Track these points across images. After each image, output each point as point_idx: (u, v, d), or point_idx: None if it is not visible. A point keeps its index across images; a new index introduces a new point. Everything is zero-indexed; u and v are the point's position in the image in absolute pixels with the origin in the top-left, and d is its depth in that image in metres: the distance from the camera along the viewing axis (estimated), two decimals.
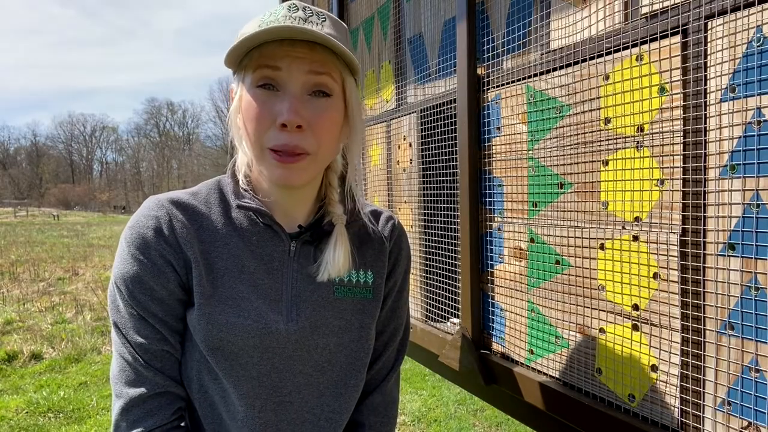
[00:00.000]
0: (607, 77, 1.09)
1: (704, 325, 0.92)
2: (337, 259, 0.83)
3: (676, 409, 0.97)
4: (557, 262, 1.24)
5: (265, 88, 0.76)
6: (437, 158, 1.73)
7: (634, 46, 1.02)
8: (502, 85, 1.40)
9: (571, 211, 1.20)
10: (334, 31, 0.78)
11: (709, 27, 0.89)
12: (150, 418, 0.78)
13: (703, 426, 0.93)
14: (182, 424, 0.81)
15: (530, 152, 1.32)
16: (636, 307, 1.04)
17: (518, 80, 1.34)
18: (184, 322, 0.81)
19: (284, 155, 0.75)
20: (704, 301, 0.91)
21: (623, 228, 1.07)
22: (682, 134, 0.94)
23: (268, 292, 0.81)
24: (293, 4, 0.78)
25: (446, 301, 1.72)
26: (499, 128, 1.43)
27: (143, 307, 0.78)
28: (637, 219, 1.04)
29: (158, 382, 0.79)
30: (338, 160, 0.91)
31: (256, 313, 0.79)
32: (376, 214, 0.96)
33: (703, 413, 0.93)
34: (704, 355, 0.92)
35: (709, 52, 0.89)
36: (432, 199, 1.79)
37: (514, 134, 1.37)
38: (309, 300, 0.83)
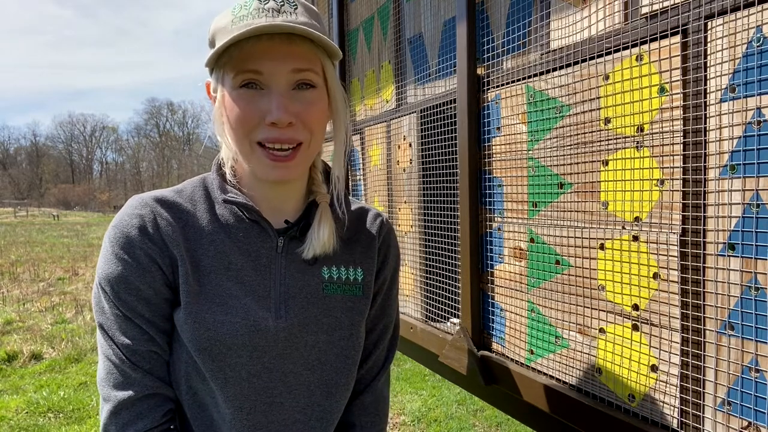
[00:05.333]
0: (607, 77, 1.09)
1: (704, 325, 0.92)
2: (321, 235, 0.83)
3: (676, 409, 0.97)
4: (557, 262, 1.24)
5: (248, 87, 0.75)
6: (437, 158, 1.73)
7: (634, 46, 1.02)
8: (502, 85, 1.40)
9: (571, 211, 1.20)
10: (309, 18, 0.76)
11: (709, 27, 0.89)
12: (140, 421, 0.76)
13: (703, 426, 0.93)
14: (172, 427, 0.80)
15: (530, 152, 1.31)
16: (636, 307, 1.04)
17: (518, 80, 1.34)
18: (172, 322, 0.80)
19: (278, 156, 0.75)
20: (704, 301, 0.91)
21: (623, 228, 1.07)
22: (682, 134, 0.94)
23: (256, 288, 0.80)
24: None
25: (446, 301, 1.72)
26: (499, 128, 1.43)
27: (129, 307, 0.76)
28: (637, 219, 1.04)
29: (147, 384, 0.77)
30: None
31: (244, 311, 0.78)
32: (363, 212, 0.95)
33: (703, 413, 0.93)
34: (704, 355, 0.92)
35: (709, 52, 0.89)
36: (432, 199, 1.79)
37: (514, 134, 1.37)
38: (298, 296, 0.82)
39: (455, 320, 1.69)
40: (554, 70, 1.22)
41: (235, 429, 0.79)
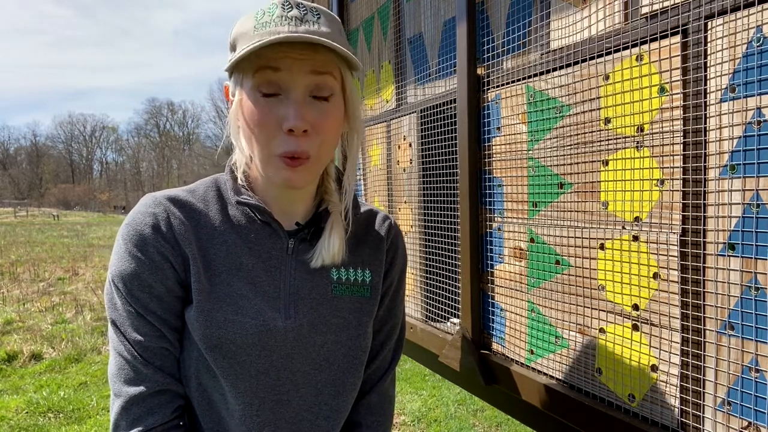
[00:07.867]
0: (607, 77, 1.09)
1: (704, 325, 0.92)
2: (331, 245, 0.84)
3: (676, 409, 0.97)
4: (557, 262, 1.24)
5: (266, 96, 0.75)
6: (437, 158, 1.73)
7: (634, 46, 1.02)
8: (502, 85, 1.40)
9: (571, 211, 1.20)
10: (330, 28, 0.77)
11: (709, 27, 0.89)
12: (150, 417, 0.77)
13: (703, 426, 0.93)
14: (181, 423, 0.81)
15: (530, 152, 1.32)
16: (636, 307, 1.04)
17: (518, 80, 1.34)
18: (183, 319, 0.81)
19: (291, 160, 0.76)
20: (704, 301, 0.91)
21: (623, 228, 1.07)
22: (682, 134, 0.94)
23: (267, 289, 0.81)
24: (287, 1, 0.77)
25: (446, 301, 1.72)
26: (499, 128, 1.43)
27: (141, 304, 0.78)
28: (637, 219, 1.04)
29: (158, 380, 0.79)
30: (335, 152, 0.91)
31: (255, 311, 0.79)
32: (372, 214, 0.97)
33: (703, 413, 0.93)
34: (704, 355, 0.92)
35: (709, 52, 0.89)
36: (432, 199, 1.79)
37: (514, 134, 1.37)
38: (307, 297, 0.83)
39: (455, 320, 1.69)
40: (554, 70, 1.22)
41: (244, 425, 0.80)
